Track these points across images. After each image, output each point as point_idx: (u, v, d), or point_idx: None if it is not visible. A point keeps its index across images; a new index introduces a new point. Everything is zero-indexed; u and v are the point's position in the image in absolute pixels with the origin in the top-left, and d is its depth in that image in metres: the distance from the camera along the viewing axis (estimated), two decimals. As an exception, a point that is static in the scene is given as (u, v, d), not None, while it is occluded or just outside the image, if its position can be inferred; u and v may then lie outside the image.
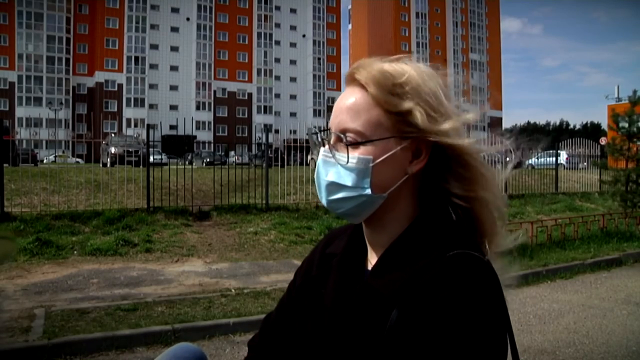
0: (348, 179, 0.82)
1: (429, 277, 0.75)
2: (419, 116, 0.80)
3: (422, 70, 0.84)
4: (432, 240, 0.80)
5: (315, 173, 0.87)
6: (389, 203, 0.84)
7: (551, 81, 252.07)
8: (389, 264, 0.82)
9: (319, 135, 0.90)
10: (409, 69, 0.84)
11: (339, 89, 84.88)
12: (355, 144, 0.81)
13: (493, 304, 0.74)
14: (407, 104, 0.81)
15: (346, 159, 0.81)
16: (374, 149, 0.81)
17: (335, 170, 0.83)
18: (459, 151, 0.82)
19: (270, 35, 78.46)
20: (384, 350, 0.75)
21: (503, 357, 0.75)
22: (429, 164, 0.84)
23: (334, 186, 0.83)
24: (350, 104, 0.83)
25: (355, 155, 0.81)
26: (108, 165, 13.84)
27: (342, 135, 0.82)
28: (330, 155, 0.84)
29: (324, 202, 0.86)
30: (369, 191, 0.82)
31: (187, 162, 15.49)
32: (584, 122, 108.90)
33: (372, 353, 0.77)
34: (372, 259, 0.88)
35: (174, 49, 73.46)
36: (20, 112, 60.47)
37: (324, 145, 0.86)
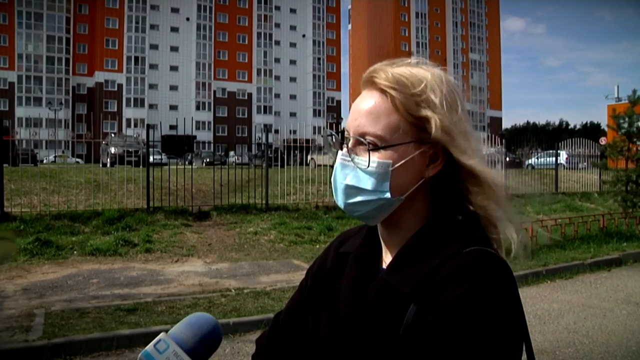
0: (368, 183, 0.82)
1: (446, 273, 0.76)
2: (435, 124, 0.81)
3: (439, 76, 0.84)
4: (447, 238, 0.81)
5: (333, 176, 0.87)
6: (405, 204, 0.84)
7: (553, 81, 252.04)
8: (405, 261, 0.82)
9: (334, 137, 0.90)
10: (427, 74, 0.83)
11: (338, 89, 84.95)
12: (376, 149, 0.81)
13: (511, 297, 0.76)
14: (426, 111, 0.81)
15: (367, 163, 0.81)
16: (393, 153, 0.81)
17: (354, 174, 0.83)
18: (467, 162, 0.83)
19: (270, 35, 78.46)
20: (402, 347, 0.76)
21: (520, 349, 0.77)
22: (445, 167, 0.84)
23: (352, 190, 0.83)
24: (369, 108, 0.83)
25: (375, 159, 0.81)
26: (108, 165, 13.84)
27: (362, 139, 0.82)
28: (349, 159, 0.84)
29: (340, 204, 0.86)
30: (388, 195, 0.82)
31: (187, 162, 15.50)
32: (584, 122, 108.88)
33: (389, 349, 0.77)
34: (387, 258, 0.88)
35: (174, 49, 73.45)
36: (20, 112, 60.47)
37: (341, 149, 0.86)
